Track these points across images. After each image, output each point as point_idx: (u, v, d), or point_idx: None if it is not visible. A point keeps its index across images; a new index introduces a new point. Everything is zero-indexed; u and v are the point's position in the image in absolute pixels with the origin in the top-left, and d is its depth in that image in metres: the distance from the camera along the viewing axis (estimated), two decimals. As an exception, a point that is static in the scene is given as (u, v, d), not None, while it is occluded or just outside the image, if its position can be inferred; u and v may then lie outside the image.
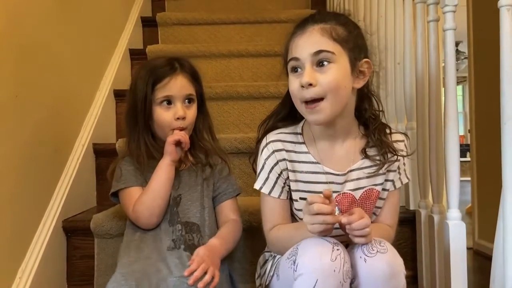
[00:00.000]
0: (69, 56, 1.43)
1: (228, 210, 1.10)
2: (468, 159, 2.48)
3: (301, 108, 0.89)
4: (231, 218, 1.08)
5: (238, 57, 2.03)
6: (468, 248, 2.15)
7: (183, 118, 1.05)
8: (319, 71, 0.85)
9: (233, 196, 1.11)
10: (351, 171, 0.93)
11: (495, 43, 0.84)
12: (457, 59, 6.13)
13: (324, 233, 0.80)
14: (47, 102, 1.26)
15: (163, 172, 1.03)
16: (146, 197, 1.02)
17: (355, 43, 0.89)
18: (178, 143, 1.03)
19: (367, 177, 0.93)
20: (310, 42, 0.86)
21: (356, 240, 0.79)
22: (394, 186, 0.96)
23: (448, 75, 1.02)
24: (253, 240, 1.18)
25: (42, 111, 1.22)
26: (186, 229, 1.03)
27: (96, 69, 1.72)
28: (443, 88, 1.07)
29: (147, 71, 1.06)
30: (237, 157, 1.49)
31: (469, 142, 2.42)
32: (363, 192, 0.93)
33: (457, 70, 6.24)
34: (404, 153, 0.95)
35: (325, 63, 0.85)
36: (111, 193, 1.08)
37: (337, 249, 0.77)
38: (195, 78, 1.10)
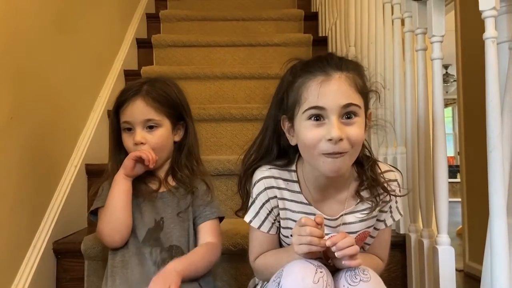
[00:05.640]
0: (64, 78, 1.44)
1: (204, 232, 1.06)
2: (459, 180, 2.49)
3: (316, 159, 0.82)
4: (207, 240, 1.05)
5: (232, 79, 2.06)
6: (459, 270, 2.17)
7: (142, 144, 1.02)
8: (346, 124, 0.80)
9: (210, 219, 1.07)
10: (343, 215, 0.91)
11: (483, 67, 0.85)
12: (447, 81, 6.25)
13: (310, 255, 0.80)
14: (40, 123, 1.26)
15: (117, 185, 1.01)
16: (103, 213, 1.01)
17: (368, 95, 0.87)
18: (140, 160, 1.01)
19: (360, 221, 0.91)
20: (340, 93, 0.80)
21: (345, 263, 0.78)
22: (386, 225, 0.95)
23: (436, 104, 1.04)
24: (243, 263, 1.17)
25: (35, 132, 1.23)
26: (170, 253, 1.01)
27: (90, 89, 1.73)
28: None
29: (117, 96, 1.07)
30: (229, 178, 1.50)
31: (459, 163, 2.44)
32: (357, 236, 0.92)
33: (446, 92, 6.37)
34: (398, 192, 0.92)
35: (352, 116, 0.81)
36: (91, 211, 1.06)
37: (321, 272, 0.78)
38: (162, 101, 1.05)
